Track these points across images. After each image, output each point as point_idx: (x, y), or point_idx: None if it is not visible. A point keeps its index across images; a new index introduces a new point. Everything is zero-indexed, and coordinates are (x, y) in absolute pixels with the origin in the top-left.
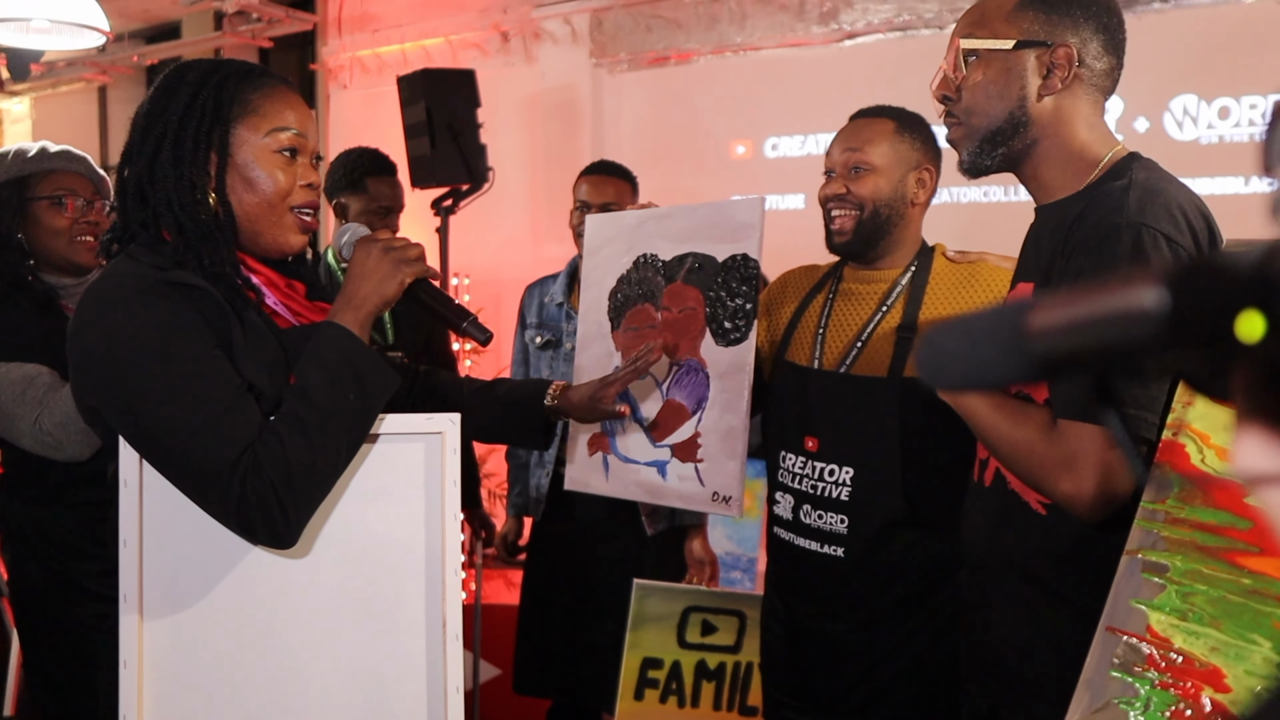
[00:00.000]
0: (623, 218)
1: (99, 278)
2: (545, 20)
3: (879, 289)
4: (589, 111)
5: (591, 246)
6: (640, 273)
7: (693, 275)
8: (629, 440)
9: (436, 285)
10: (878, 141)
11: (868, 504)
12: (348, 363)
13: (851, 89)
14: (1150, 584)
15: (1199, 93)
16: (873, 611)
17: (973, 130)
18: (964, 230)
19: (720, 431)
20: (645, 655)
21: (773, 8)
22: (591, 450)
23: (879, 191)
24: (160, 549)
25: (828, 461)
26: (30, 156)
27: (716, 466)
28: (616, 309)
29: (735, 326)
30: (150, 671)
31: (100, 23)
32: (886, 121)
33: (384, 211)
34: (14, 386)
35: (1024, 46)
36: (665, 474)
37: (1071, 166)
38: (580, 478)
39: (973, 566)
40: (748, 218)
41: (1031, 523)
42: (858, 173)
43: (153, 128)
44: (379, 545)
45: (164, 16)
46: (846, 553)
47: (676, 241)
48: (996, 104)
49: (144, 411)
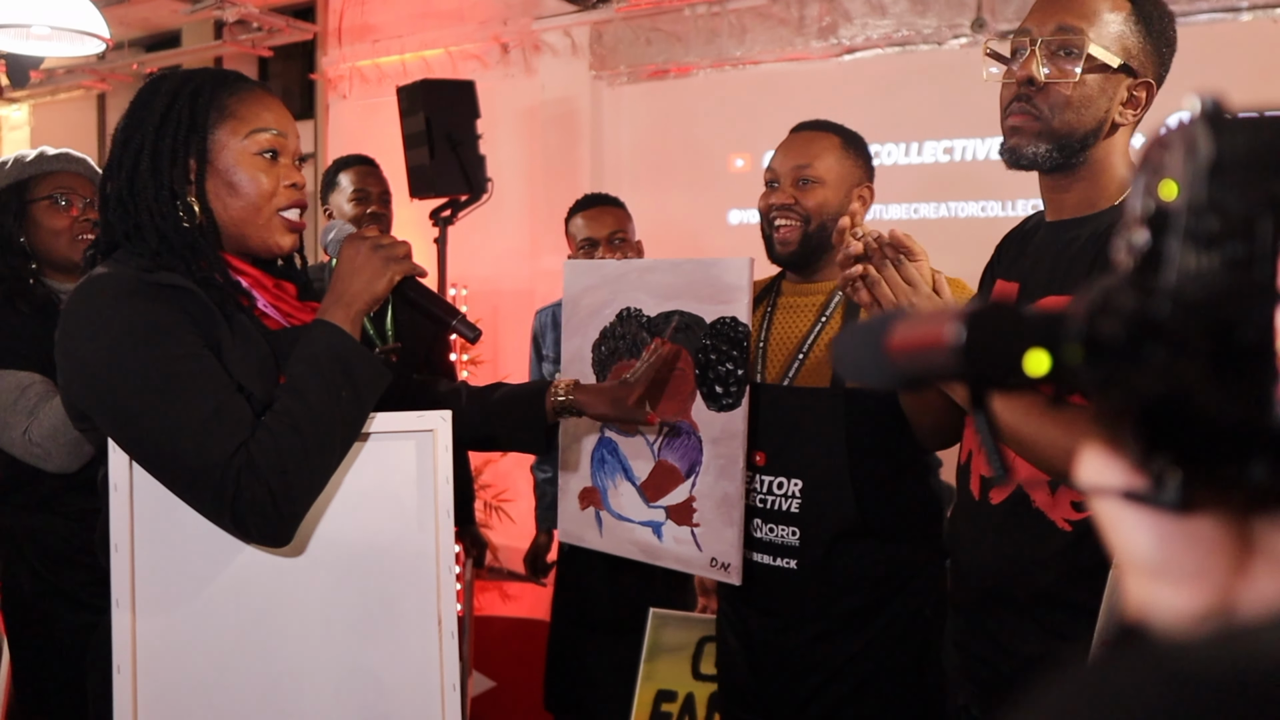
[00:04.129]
0: (604, 266)
1: (84, 281)
2: (545, 32)
3: (817, 300)
4: (588, 124)
5: (571, 294)
6: (624, 326)
7: (680, 334)
8: (622, 497)
9: (424, 283)
10: (825, 155)
11: (818, 515)
12: (339, 359)
13: (850, 104)
14: None
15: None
16: (828, 623)
17: (1049, 130)
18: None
19: (715, 498)
20: (660, 687)
21: (772, 22)
22: (583, 504)
23: (826, 204)
24: (152, 553)
25: (776, 475)
26: (29, 160)
27: (713, 532)
28: (601, 362)
29: (727, 391)
30: (144, 676)
31: (101, 30)
32: (832, 136)
33: (362, 197)
34: (7, 394)
35: (1125, 71)
36: (661, 535)
37: (1108, 190)
38: (574, 531)
39: (978, 592)
40: (736, 279)
41: (1056, 543)
42: (805, 185)
43: (131, 141)
44: (372, 544)
45: (164, 25)
46: (799, 564)
47: (661, 297)
48: (1084, 114)
49: (133, 412)
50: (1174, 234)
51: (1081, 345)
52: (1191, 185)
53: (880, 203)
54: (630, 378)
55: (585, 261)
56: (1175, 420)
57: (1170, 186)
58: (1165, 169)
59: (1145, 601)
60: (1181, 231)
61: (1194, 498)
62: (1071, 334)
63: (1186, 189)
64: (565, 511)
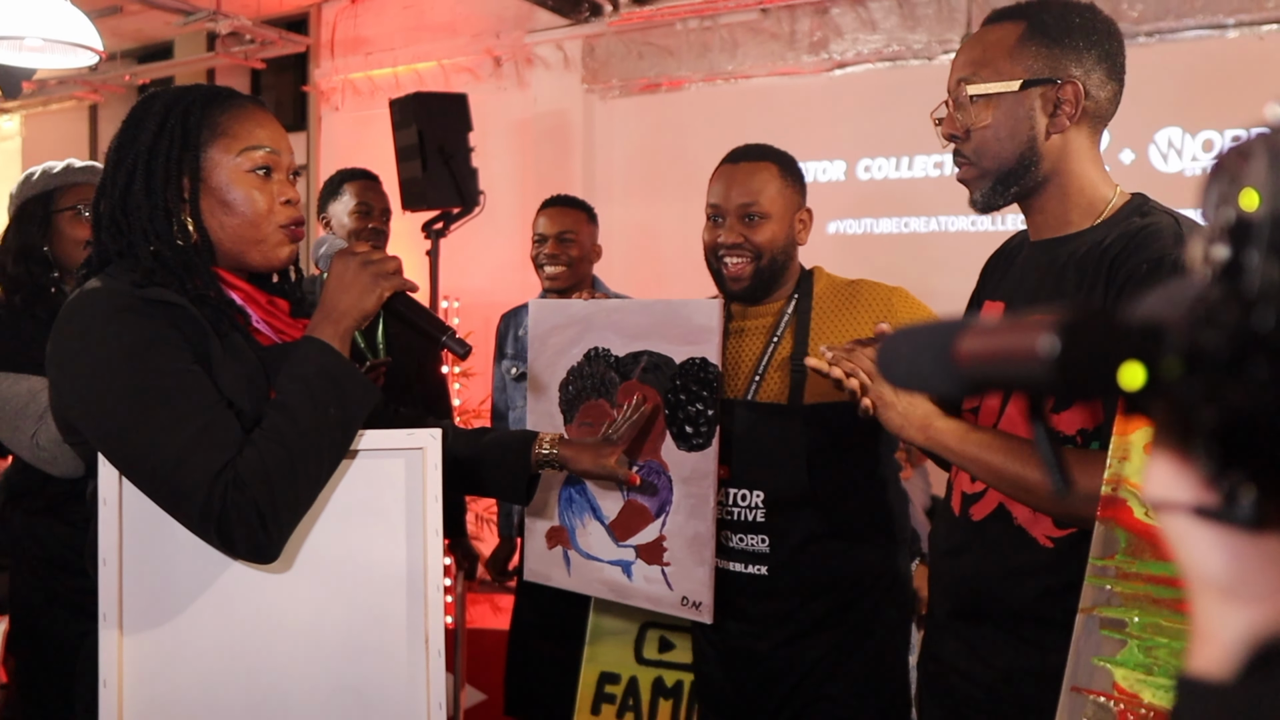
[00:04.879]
0: (570, 306)
1: (75, 296)
2: (538, 46)
3: (766, 322)
4: (580, 137)
5: (537, 333)
6: (592, 366)
7: (649, 374)
8: (590, 537)
9: (414, 299)
10: (767, 187)
11: (783, 524)
12: (328, 376)
13: (841, 118)
14: (1110, 641)
15: (1183, 125)
16: (797, 626)
17: (985, 172)
18: (949, 259)
19: (686, 537)
20: (602, 670)
21: (764, 37)
22: (550, 544)
23: (775, 239)
24: (140, 567)
25: (740, 487)
26: (55, 172)
27: (684, 571)
28: (569, 402)
29: (697, 431)
30: (130, 691)
31: (94, 42)
32: (770, 165)
33: (364, 211)
34: (19, 399)
35: (1030, 85)
36: (631, 574)
37: (1080, 202)
38: (540, 570)
39: (958, 605)
40: (706, 320)
41: (1038, 558)
42: (752, 221)
43: (123, 160)
44: (360, 562)
45: (157, 37)
46: (770, 570)
47: (630, 338)
48: (1007, 145)
49: (122, 427)
50: (1256, 244)
51: (1182, 359)
52: (1276, 195)
53: (871, 216)
54: (612, 434)
55: (552, 301)
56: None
57: (1252, 196)
58: (1245, 178)
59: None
60: (1265, 242)
61: (1268, 515)
62: (1172, 347)
63: (1270, 199)
64: (531, 551)
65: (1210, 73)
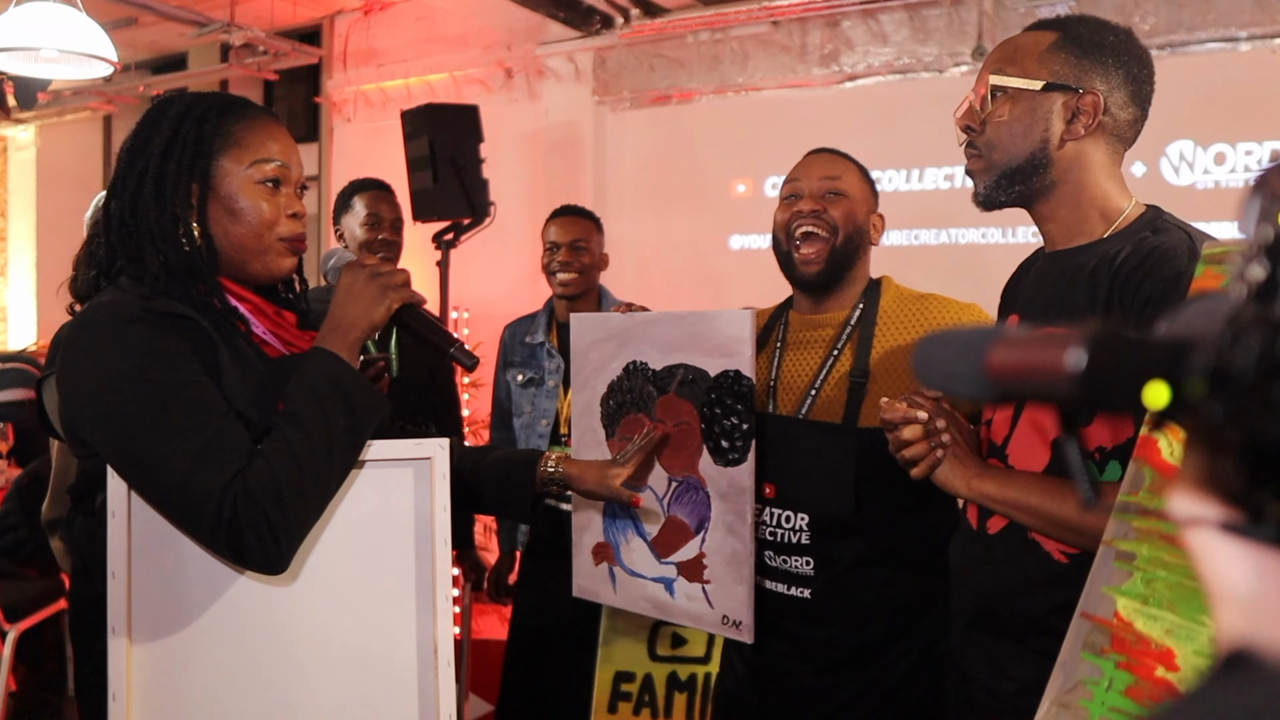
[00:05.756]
0: (609, 320)
1: (86, 309)
2: (549, 58)
3: (827, 334)
4: (591, 148)
5: (579, 347)
6: (631, 380)
7: (685, 388)
8: (634, 553)
9: (424, 311)
10: (849, 173)
11: (829, 547)
12: (336, 387)
13: (851, 130)
14: (1120, 572)
15: (1196, 139)
16: (840, 653)
17: (992, 165)
18: (959, 271)
19: (725, 554)
20: (617, 669)
21: (775, 49)
22: (596, 560)
23: (852, 217)
24: (149, 579)
25: (784, 508)
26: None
27: (724, 590)
28: (610, 416)
29: (733, 446)
30: (139, 703)
31: (108, 53)
32: (850, 161)
33: (374, 222)
34: None
35: (1052, 89)
36: (673, 592)
37: (1092, 213)
38: (589, 587)
39: (975, 624)
40: (738, 331)
41: (1052, 572)
42: (834, 196)
43: (135, 162)
44: (369, 572)
45: (171, 48)
46: (813, 594)
47: (665, 351)
48: (1019, 143)
49: (131, 439)
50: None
51: (1206, 379)
52: None
53: None
54: (621, 458)
55: (592, 315)
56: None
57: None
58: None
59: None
60: None
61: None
62: (1197, 367)
63: None
64: (579, 567)
65: (1223, 86)
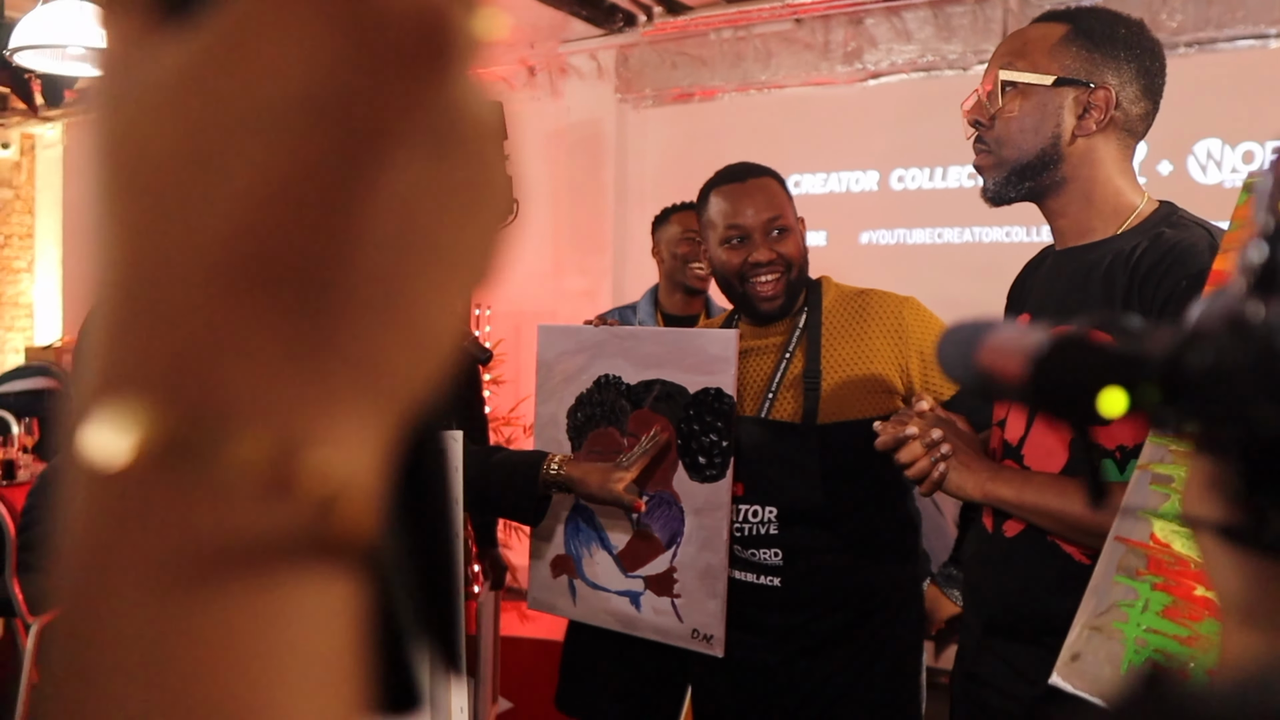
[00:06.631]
0: (581, 332)
1: None
2: (572, 56)
3: (777, 341)
4: (613, 146)
5: (545, 358)
6: (602, 393)
7: (661, 404)
8: (597, 566)
9: None
10: (780, 201)
11: (797, 536)
12: None
13: (874, 128)
14: (1156, 495)
15: (1223, 137)
16: (809, 640)
17: (1002, 161)
18: (982, 270)
19: (698, 569)
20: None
21: (798, 47)
22: (555, 573)
23: (799, 244)
24: None
25: (753, 503)
26: None
27: (695, 604)
28: (576, 429)
29: (710, 462)
30: None
31: None
32: (770, 179)
33: None
34: None
35: (1063, 84)
36: (639, 605)
37: (1104, 209)
38: (545, 599)
39: (992, 629)
40: (721, 350)
41: (1073, 574)
42: (780, 234)
43: None
44: None
45: None
46: (783, 581)
47: (643, 366)
48: (1030, 139)
49: None
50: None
51: (1158, 385)
52: None
53: (904, 227)
54: (625, 462)
55: (561, 326)
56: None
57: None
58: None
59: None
60: None
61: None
62: (1147, 373)
63: None
64: (536, 579)
65: (1251, 83)
